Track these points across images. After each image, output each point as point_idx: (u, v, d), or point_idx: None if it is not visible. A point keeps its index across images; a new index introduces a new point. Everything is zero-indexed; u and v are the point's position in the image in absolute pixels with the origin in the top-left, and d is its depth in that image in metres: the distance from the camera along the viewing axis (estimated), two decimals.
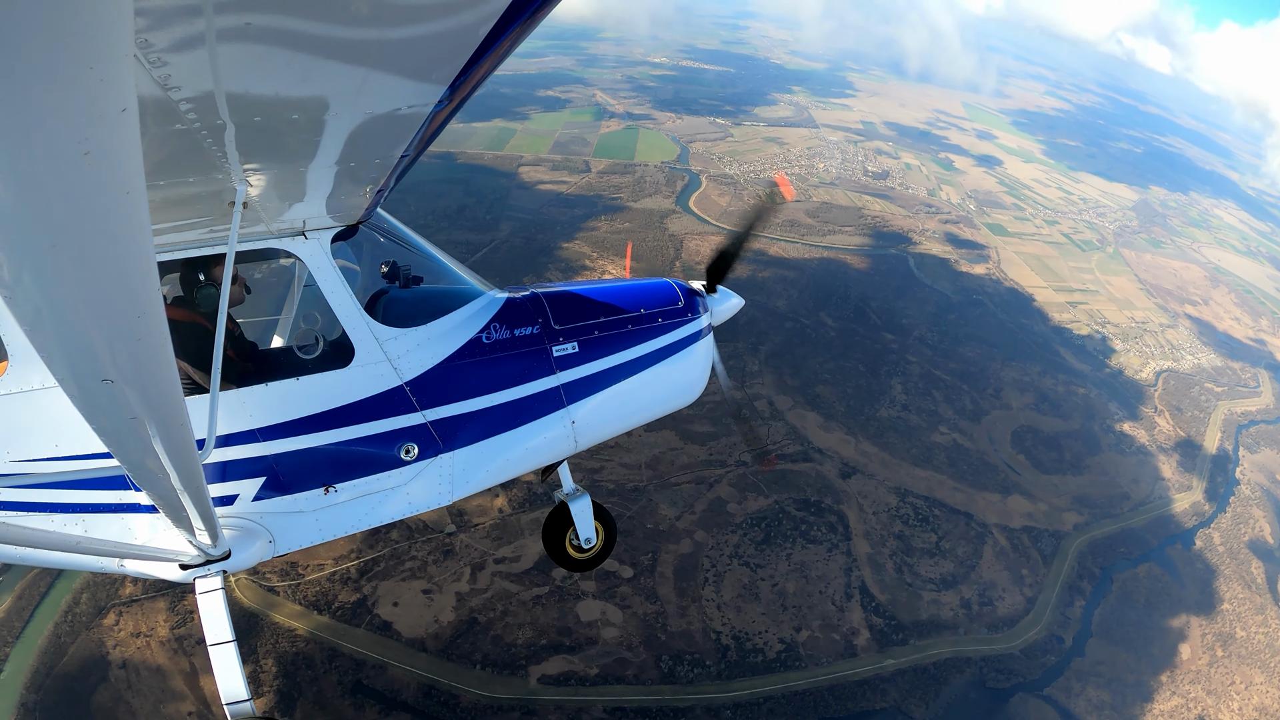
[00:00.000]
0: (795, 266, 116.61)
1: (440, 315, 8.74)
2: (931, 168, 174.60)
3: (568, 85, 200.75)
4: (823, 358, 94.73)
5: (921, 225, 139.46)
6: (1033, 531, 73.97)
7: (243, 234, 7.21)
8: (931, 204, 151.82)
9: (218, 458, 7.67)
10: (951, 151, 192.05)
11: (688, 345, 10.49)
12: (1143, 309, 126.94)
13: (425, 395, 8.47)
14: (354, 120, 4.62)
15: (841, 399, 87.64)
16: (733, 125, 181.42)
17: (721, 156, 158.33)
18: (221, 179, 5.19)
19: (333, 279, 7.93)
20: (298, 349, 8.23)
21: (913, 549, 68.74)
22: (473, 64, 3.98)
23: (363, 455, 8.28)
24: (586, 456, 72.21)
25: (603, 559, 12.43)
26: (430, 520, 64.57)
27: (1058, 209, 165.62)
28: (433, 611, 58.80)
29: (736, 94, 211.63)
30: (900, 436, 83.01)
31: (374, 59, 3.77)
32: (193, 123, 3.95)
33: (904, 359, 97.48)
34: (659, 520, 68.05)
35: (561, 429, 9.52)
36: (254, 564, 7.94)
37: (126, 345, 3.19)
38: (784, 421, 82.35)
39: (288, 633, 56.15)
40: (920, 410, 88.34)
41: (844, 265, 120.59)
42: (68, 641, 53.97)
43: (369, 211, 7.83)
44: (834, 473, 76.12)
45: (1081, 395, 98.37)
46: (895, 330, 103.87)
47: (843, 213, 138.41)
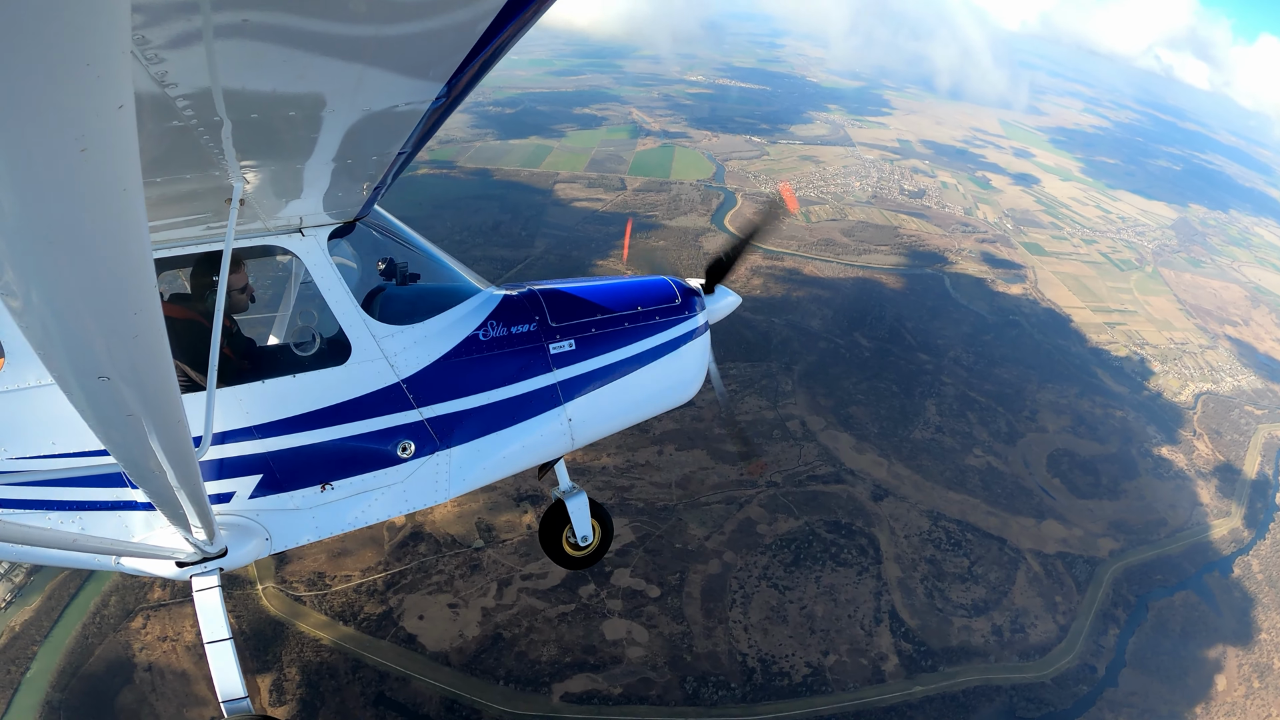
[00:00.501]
0: (830, 286, 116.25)
1: (437, 312, 8.82)
2: (968, 186, 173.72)
3: (604, 103, 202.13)
4: (856, 378, 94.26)
5: (958, 244, 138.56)
6: (1067, 557, 72.98)
7: (240, 231, 7.22)
8: (968, 223, 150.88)
9: (214, 455, 7.72)
10: (988, 170, 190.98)
11: (684, 343, 10.59)
12: (1182, 330, 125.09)
13: (422, 392, 8.53)
14: (351, 117, 4.68)
15: (875, 420, 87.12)
16: (768, 144, 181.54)
17: (757, 175, 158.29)
18: (219, 176, 5.28)
19: (330, 276, 8.01)
20: (295, 346, 8.30)
21: (944, 574, 68.07)
22: (470, 61, 4.04)
23: (359, 453, 8.33)
24: (617, 475, 73.07)
25: (599, 557, 12.56)
26: (458, 535, 64.89)
27: (1096, 228, 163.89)
28: (458, 626, 58.89)
29: (772, 112, 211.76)
30: (934, 459, 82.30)
31: (371, 56, 3.82)
32: (190, 119, 4.03)
33: (939, 380, 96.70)
34: (688, 540, 67.85)
35: (558, 426, 9.59)
36: (250, 561, 8.02)
37: (123, 342, 3.20)
38: (816, 442, 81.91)
39: (312, 642, 56.49)
40: (954, 432, 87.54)
41: (879, 285, 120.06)
42: (95, 643, 54.74)
43: (366, 208, 7.90)
44: (866, 495, 75.55)
45: (1119, 418, 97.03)
46: (930, 351, 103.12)
47: (878, 232, 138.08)
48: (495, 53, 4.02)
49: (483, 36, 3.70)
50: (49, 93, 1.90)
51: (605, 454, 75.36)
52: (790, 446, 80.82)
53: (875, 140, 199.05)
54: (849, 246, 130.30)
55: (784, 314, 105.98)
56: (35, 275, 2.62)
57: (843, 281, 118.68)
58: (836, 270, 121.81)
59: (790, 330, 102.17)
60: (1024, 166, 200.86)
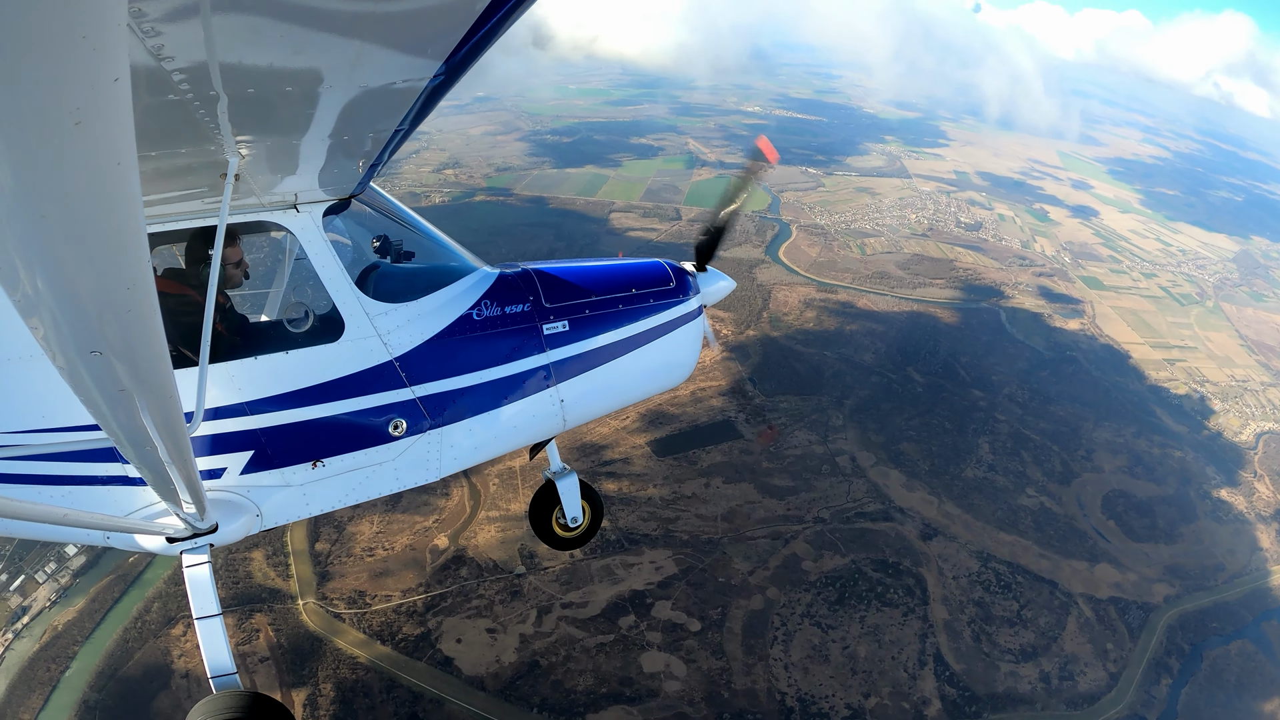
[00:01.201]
0: (883, 320, 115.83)
1: (431, 291, 8.87)
2: (1026, 219, 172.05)
3: (661, 133, 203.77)
4: (908, 414, 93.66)
5: (1014, 278, 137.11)
6: (1120, 603, 71.60)
7: (234, 206, 7.25)
8: (1025, 256, 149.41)
9: (206, 431, 7.71)
10: (1046, 202, 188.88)
11: (678, 326, 10.68)
12: (1243, 366, 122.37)
13: (415, 371, 8.55)
14: (348, 94, 4.68)
15: (926, 457, 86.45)
16: (824, 175, 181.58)
17: (812, 206, 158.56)
18: (214, 150, 5.30)
19: (324, 253, 8.04)
20: (288, 323, 8.26)
21: (992, 617, 67.15)
22: (468, 39, 4.07)
23: (351, 430, 8.35)
24: (662, 506, 73.26)
25: (589, 538, 12.87)
26: (500, 560, 65.57)
27: (1156, 261, 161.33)
28: (495, 651, 59.30)
29: (829, 143, 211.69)
30: (985, 498, 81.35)
31: (369, 32, 3.83)
32: (185, 93, 4.05)
33: (992, 417, 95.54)
34: (731, 574, 67.76)
35: (550, 407, 9.67)
36: (241, 537, 8.06)
37: (116, 317, 3.18)
38: (865, 479, 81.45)
39: (349, 659, 57.35)
40: (1007, 471, 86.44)
41: (934, 319, 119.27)
42: (135, 647, 56.24)
43: (362, 185, 7.94)
44: (914, 534, 74.89)
45: (1177, 458, 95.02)
46: (984, 387, 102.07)
47: (934, 265, 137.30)
48: (493, 30, 4.07)
49: (482, 14, 3.79)
50: (43, 65, 1.92)
51: (652, 485, 75.80)
52: (839, 482, 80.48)
53: (931, 172, 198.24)
54: (904, 280, 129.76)
55: (836, 347, 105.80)
56: (27, 249, 2.64)
57: (897, 315, 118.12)
58: (891, 304, 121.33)
59: (842, 364, 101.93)
60: (1082, 198, 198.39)
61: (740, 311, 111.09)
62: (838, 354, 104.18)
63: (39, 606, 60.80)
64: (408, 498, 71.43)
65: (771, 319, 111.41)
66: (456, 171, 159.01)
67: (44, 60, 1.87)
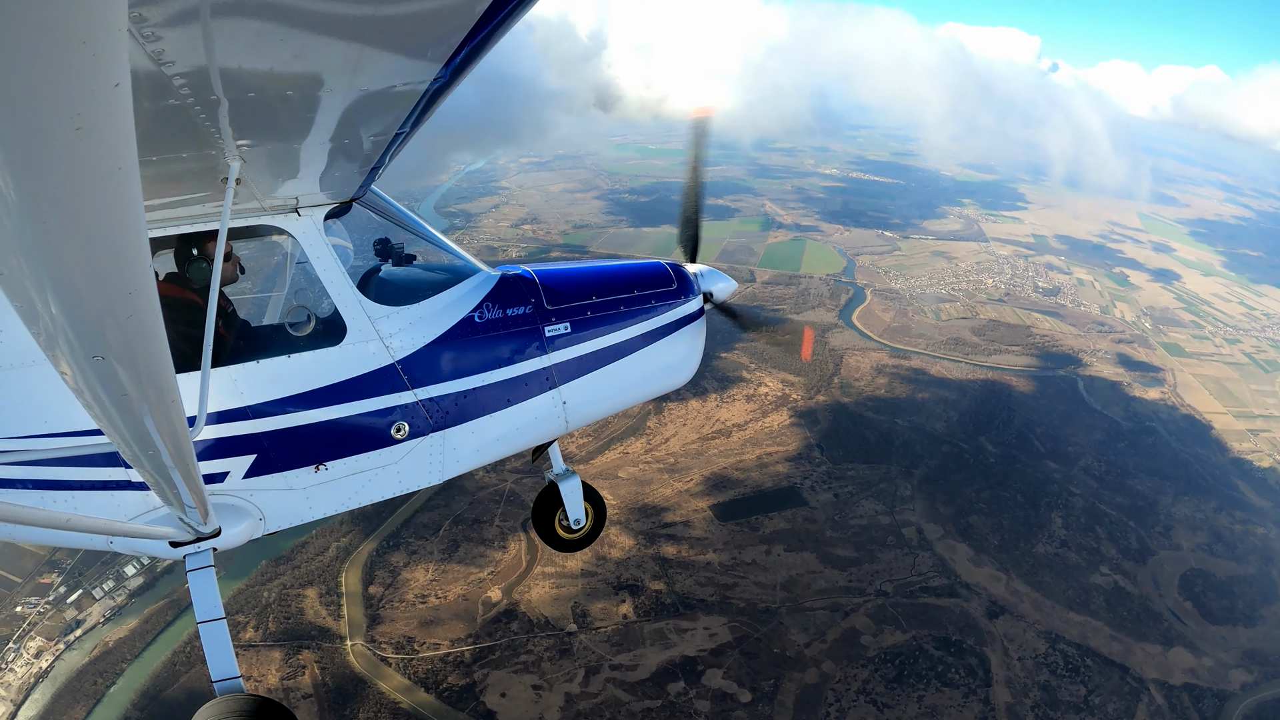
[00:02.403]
0: (957, 388, 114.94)
1: (433, 294, 8.91)
2: (1105, 283, 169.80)
3: (738, 194, 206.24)
4: (979, 485, 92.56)
5: (1093, 345, 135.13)
6: (1194, 690, 69.16)
7: (236, 210, 7.24)
8: (1104, 322, 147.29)
9: (208, 435, 7.72)
10: (1126, 265, 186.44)
11: (681, 327, 10.70)
12: None
13: (417, 374, 8.58)
14: (349, 98, 4.71)
15: (996, 531, 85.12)
16: (900, 238, 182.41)
17: (887, 271, 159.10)
18: (215, 155, 5.33)
19: (326, 256, 8.08)
20: (289, 326, 8.28)
21: (1058, 702, 65.31)
22: (468, 42, 4.12)
23: (354, 433, 8.37)
24: (720, 572, 73.17)
25: (591, 540, 12.72)
26: (552, 617, 66.30)
27: (1239, 326, 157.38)
28: (539, 708, 59.67)
29: (905, 206, 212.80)
30: (1056, 576, 79.67)
31: (370, 36, 3.86)
32: (186, 98, 4.11)
33: (1067, 490, 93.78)
34: (786, 645, 67.28)
35: (552, 409, 9.68)
36: (244, 541, 8.06)
37: (117, 322, 3.17)
38: (931, 552, 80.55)
39: (391, 704, 58.45)
40: (1080, 547, 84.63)
41: (1008, 387, 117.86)
42: (181, 670, 58.27)
43: (363, 189, 7.91)
44: (980, 611, 73.61)
45: (1259, 535, 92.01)
46: (1059, 458, 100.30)
47: (1010, 331, 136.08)
48: (493, 34, 4.11)
49: (481, 18, 3.83)
50: (44, 71, 1.93)
51: (711, 550, 76.01)
52: (904, 555, 79.75)
53: (1009, 235, 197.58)
54: (979, 346, 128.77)
55: (907, 415, 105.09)
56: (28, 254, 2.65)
57: (970, 383, 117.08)
58: (965, 371, 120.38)
59: (913, 432, 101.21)
60: (1163, 261, 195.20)
61: (811, 377, 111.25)
62: (909, 422, 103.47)
63: (92, 621, 63.83)
64: (464, 548, 72.77)
65: (842, 385, 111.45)
66: (534, 227, 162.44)
67: (44, 66, 1.92)
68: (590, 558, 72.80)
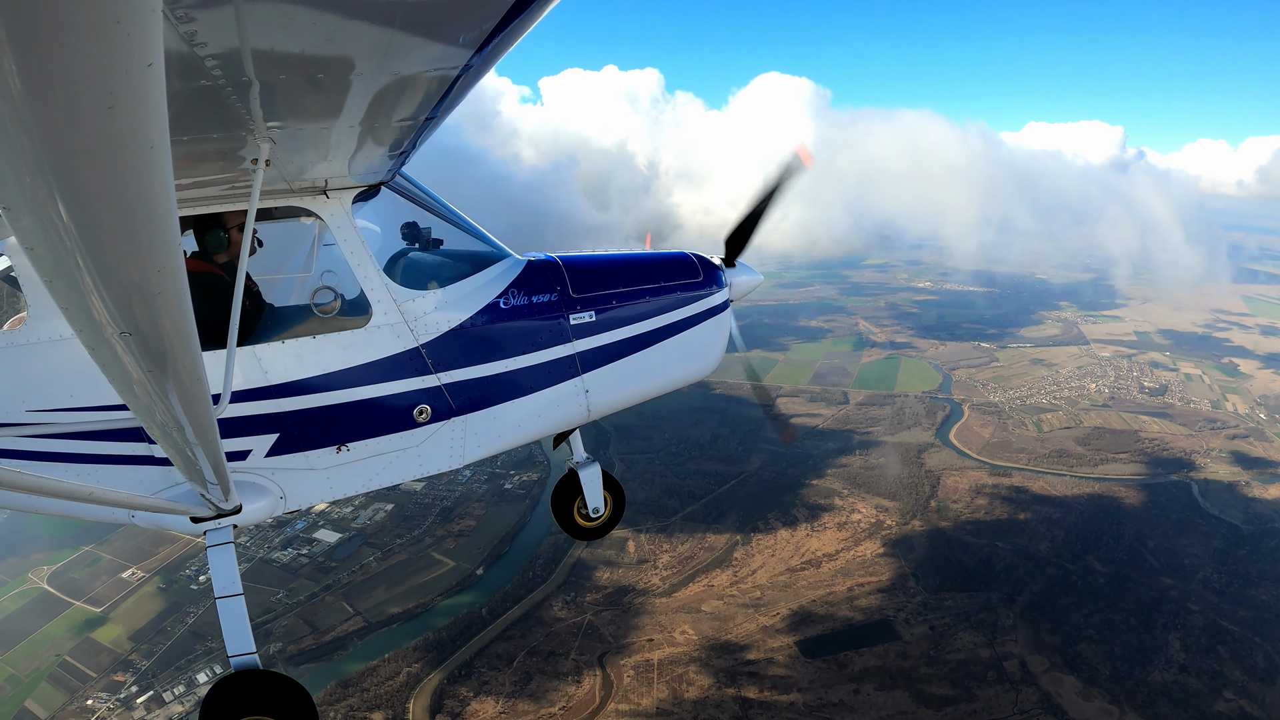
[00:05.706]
0: (1061, 504, 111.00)
1: (460, 278, 9.07)
2: (1214, 375, 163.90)
3: (830, 314, 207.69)
4: (1088, 609, 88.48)
5: (1205, 444, 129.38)
6: None
7: (264, 191, 7.28)
8: (1215, 418, 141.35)
9: (232, 413, 7.84)
10: (1235, 354, 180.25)
11: (706, 319, 10.67)
12: None
13: (440, 358, 8.70)
14: (379, 82, 4.77)
15: (1107, 659, 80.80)
16: (997, 349, 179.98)
17: (985, 383, 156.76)
18: (245, 135, 5.42)
19: (353, 239, 8.25)
20: (315, 307, 8.36)
21: None
22: (501, 28, 4.18)
23: (376, 415, 8.50)
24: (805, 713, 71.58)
25: (610, 528, 12.70)
26: None
27: None
28: None
29: (1000, 315, 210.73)
30: (1175, 706, 74.81)
31: (402, 21, 3.90)
32: (218, 79, 4.17)
33: (1184, 608, 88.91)
34: None
35: (575, 397, 9.71)
36: (264, 518, 8.27)
37: (146, 299, 3.23)
38: (1036, 687, 76.78)
39: None
40: (1201, 671, 79.54)
41: (1117, 500, 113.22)
42: None
43: (392, 172, 8.11)
44: None
45: None
46: (1175, 573, 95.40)
47: (1116, 438, 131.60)
48: (525, 20, 4.15)
49: (515, 4, 3.87)
50: (78, 50, 1.95)
51: (795, 689, 74.09)
52: (1005, 691, 76.22)
53: (1110, 335, 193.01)
54: (1084, 457, 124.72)
55: (1008, 537, 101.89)
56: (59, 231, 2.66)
57: (1075, 498, 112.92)
58: (1069, 485, 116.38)
59: (1015, 555, 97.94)
60: (1273, 345, 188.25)
61: (905, 500, 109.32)
62: (1010, 544, 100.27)
63: None
64: (537, 680, 72.77)
65: (939, 508, 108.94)
66: None
67: (78, 45, 1.94)
68: (667, 696, 71.91)
